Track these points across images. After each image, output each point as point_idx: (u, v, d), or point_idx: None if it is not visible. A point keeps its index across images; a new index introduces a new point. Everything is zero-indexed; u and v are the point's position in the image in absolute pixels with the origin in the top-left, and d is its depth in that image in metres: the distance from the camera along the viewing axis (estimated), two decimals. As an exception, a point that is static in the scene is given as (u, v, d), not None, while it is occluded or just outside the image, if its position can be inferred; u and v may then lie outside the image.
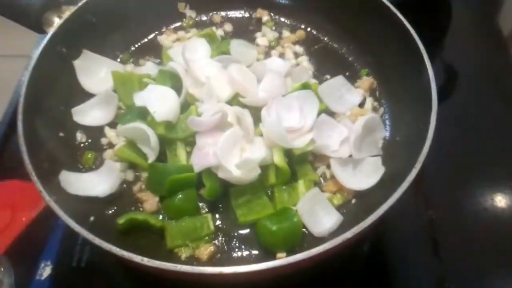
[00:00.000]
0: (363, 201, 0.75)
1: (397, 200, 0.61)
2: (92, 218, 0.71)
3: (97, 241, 0.59)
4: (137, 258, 0.57)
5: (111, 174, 0.77)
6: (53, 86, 0.82)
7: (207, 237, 0.72)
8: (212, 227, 0.73)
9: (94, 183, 0.76)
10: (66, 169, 0.75)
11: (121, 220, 0.70)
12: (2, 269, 0.74)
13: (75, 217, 0.61)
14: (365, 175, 0.76)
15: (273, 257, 0.68)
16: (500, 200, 0.88)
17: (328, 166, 0.79)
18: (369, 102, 0.89)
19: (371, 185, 0.74)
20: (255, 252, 0.71)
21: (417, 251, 0.82)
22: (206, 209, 0.76)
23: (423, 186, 0.86)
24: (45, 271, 0.79)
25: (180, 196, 0.73)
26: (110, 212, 0.75)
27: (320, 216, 0.72)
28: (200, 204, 0.76)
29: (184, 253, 0.71)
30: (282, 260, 0.56)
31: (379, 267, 0.81)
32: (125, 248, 0.58)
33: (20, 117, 0.71)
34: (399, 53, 0.81)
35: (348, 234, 0.58)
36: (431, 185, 0.88)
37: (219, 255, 0.71)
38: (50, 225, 0.84)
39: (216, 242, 0.72)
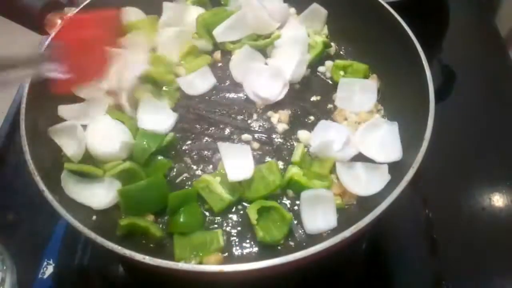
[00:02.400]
0: (363, 200, 0.75)
1: (395, 199, 0.61)
2: (94, 217, 0.72)
3: (99, 240, 0.59)
4: (139, 257, 0.57)
5: (111, 190, 0.74)
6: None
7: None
8: (222, 242, 0.70)
9: (93, 194, 0.74)
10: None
11: (123, 222, 0.69)
12: (4, 267, 0.74)
13: (78, 216, 0.62)
14: (371, 182, 0.74)
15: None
16: (498, 200, 0.89)
17: (334, 171, 0.77)
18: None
19: (375, 192, 0.72)
20: (255, 250, 0.71)
21: (415, 250, 0.83)
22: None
23: (421, 185, 0.87)
24: (47, 269, 0.80)
25: (183, 211, 0.71)
26: (113, 211, 0.75)
27: (317, 215, 0.72)
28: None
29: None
30: (281, 258, 0.56)
31: (378, 266, 0.81)
32: (127, 247, 0.58)
33: (22, 116, 0.72)
34: (397, 54, 0.81)
35: (346, 233, 0.58)
36: (429, 184, 0.88)
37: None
38: (53, 224, 0.84)
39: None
